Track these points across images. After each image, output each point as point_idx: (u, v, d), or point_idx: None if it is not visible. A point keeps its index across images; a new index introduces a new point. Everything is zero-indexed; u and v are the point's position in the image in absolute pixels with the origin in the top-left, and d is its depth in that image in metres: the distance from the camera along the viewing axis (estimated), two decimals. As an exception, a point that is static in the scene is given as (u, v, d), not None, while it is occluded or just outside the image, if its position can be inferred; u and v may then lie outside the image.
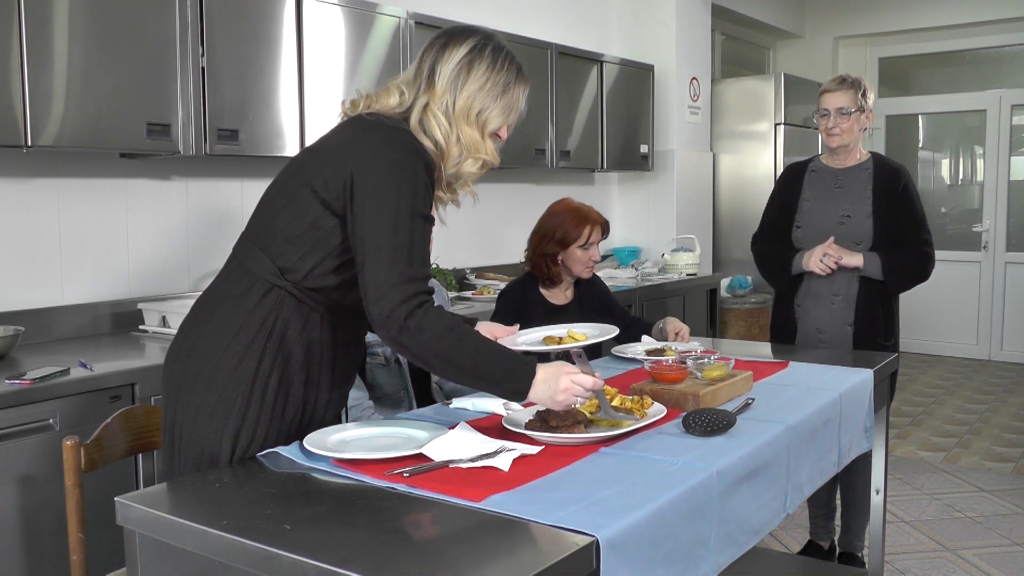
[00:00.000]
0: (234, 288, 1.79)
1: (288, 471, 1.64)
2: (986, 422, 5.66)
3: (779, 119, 6.31)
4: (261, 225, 1.82)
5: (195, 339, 1.79)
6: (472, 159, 1.85)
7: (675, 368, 2.20)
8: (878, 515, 2.88)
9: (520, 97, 1.90)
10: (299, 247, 1.75)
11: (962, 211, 8.11)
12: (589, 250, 2.93)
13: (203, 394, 1.74)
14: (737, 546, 1.70)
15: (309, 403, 1.82)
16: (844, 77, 3.21)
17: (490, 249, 4.77)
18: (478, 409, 2.05)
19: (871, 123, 3.27)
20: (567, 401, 1.75)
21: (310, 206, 1.74)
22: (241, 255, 1.82)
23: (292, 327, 1.76)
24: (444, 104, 1.81)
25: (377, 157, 1.71)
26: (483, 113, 1.84)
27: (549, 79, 4.83)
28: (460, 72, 1.82)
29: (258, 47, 3.32)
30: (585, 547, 1.27)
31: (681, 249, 5.67)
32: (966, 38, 7.80)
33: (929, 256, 3.13)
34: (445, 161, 1.82)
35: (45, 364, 2.60)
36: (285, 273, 1.76)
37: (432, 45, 1.87)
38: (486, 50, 1.85)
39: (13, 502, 2.40)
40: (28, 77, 2.68)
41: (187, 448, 1.75)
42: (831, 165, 3.27)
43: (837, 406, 2.25)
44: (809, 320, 3.22)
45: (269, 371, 1.75)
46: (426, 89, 1.83)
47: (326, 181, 1.73)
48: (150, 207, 3.42)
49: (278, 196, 1.82)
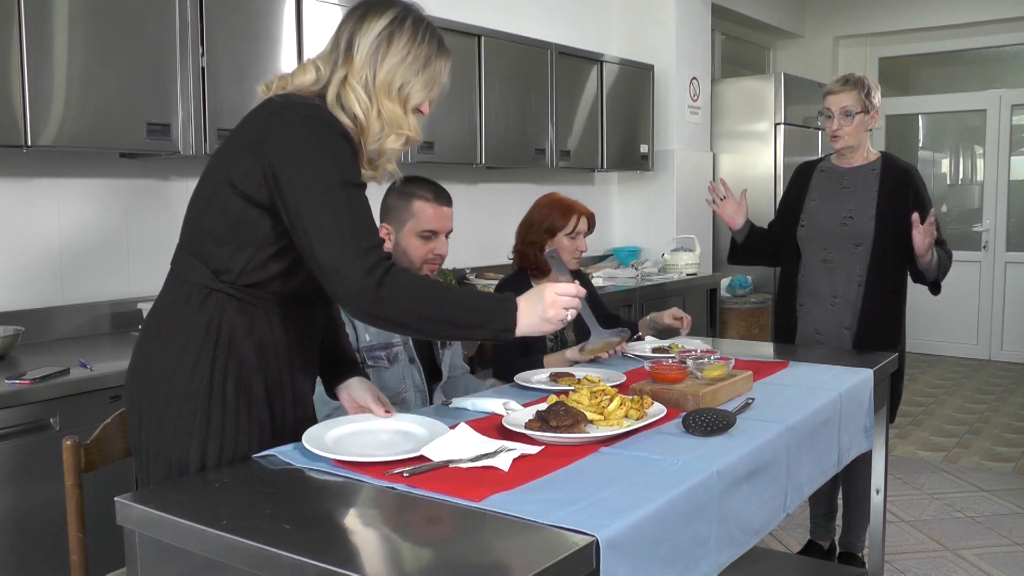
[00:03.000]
0: (175, 300, 1.75)
1: (287, 471, 1.64)
2: (986, 422, 5.66)
3: (779, 119, 6.30)
4: (188, 230, 1.77)
5: (146, 359, 1.76)
6: (395, 135, 1.77)
7: (675, 368, 2.20)
8: (878, 515, 2.88)
9: (443, 71, 1.83)
10: (228, 246, 1.70)
11: (962, 211, 8.11)
12: (576, 240, 2.97)
13: (162, 413, 1.71)
14: (737, 546, 1.70)
15: (275, 399, 1.78)
16: (848, 77, 3.18)
17: (490, 249, 4.76)
18: (478, 409, 2.05)
19: (877, 123, 3.23)
20: (558, 315, 1.69)
21: (230, 202, 1.68)
22: (177, 266, 1.78)
23: (238, 328, 1.72)
24: (363, 78, 1.74)
25: (293, 138, 1.64)
26: (404, 87, 1.77)
27: (549, 79, 4.83)
28: (380, 45, 1.75)
29: (258, 47, 3.32)
30: (585, 547, 1.27)
31: (681, 249, 5.67)
32: (966, 38, 7.80)
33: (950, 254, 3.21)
34: (365, 137, 1.75)
35: (45, 364, 2.61)
36: (220, 275, 1.71)
37: (349, 17, 1.79)
38: (406, 22, 1.78)
39: (13, 502, 2.40)
40: (28, 77, 2.68)
41: (156, 468, 1.73)
42: (839, 165, 3.25)
43: (837, 406, 2.25)
44: (809, 320, 3.22)
45: (223, 377, 1.71)
46: (344, 62, 1.75)
47: (244, 173, 1.67)
48: (150, 207, 3.42)
49: (199, 196, 1.76)
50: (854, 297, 3.13)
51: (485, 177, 4.87)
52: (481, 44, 4.32)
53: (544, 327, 1.71)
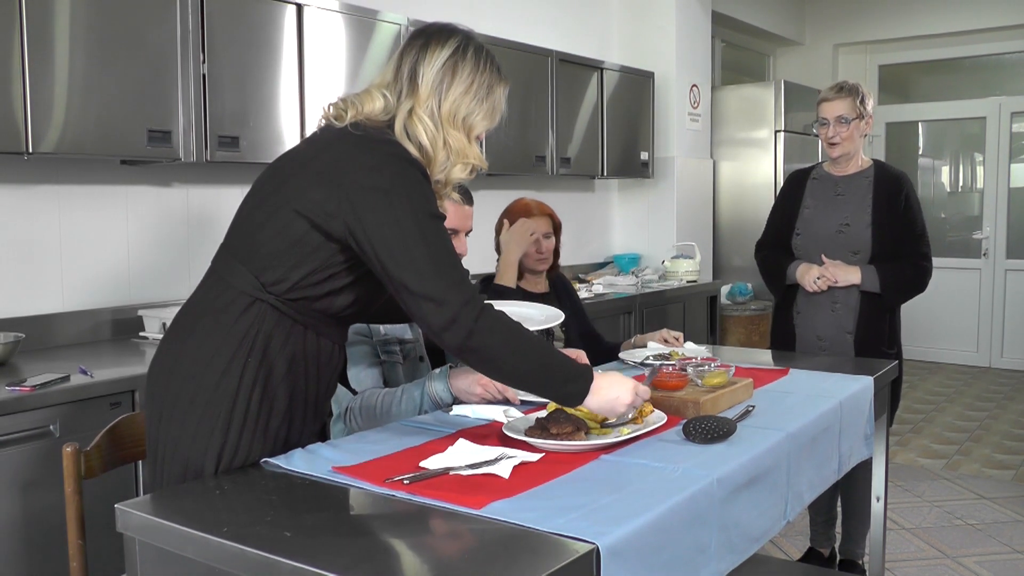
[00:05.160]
0: (215, 302, 1.75)
1: (287, 478, 1.64)
2: (986, 429, 5.65)
3: (779, 126, 6.32)
4: (240, 238, 1.77)
5: (176, 356, 1.76)
6: (461, 164, 1.79)
7: (675, 375, 2.20)
8: (879, 522, 2.88)
9: (502, 98, 1.86)
10: (283, 261, 1.70)
11: (962, 218, 8.11)
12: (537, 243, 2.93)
13: (185, 412, 1.71)
14: (737, 553, 1.70)
15: (296, 415, 1.79)
16: (842, 85, 3.19)
17: (490, 255, 4.75)
18: (478, 416, 2.04)
19: (872, 129, 3.25)
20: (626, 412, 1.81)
21: (294, 224, 1.68)
22: (220, 269, 1.78)
23: (275, 340, 1.72)
24: (429, 108, 1.75)
25: (375, 175, 1.65)
26: (469, 118, 1.79)
27: (549, 86, 4.84)
28: (444, 75, 1.76)
29: (259, 54, 3.33)
30: (585, 554, 1.27)
31: (681, 256, 5.67)
32: (966, 45, 7.82)
33: (926, 269, 3.13)
34: (432, 167, 1.76)
35: (45, 370, 2.61)
36: (268, 286, 1.71)
37: (411, 46, 1.80)
38: (468, 51, 1.79)
39: (13, 509, 2.40)
40: (29, 84, 2.69)
41: (171, 466, 1.73)
42: (832, 172, 3.27)
43: (837, 413, 2.24)
44: (809, 327, 3.22)
45: (251, 385, 1.71)
46: (409, 93, 1.76)
47: (316, 203, 1.66)
48: (151, 214, 3.42)
49: (258, 210, 1.76)
50: (855, 302, 3.14)
51: (485, 184, 4.88)
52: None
53: (605, 411, 1.80)
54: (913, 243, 3.11)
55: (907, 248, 3.11)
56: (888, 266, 3.09)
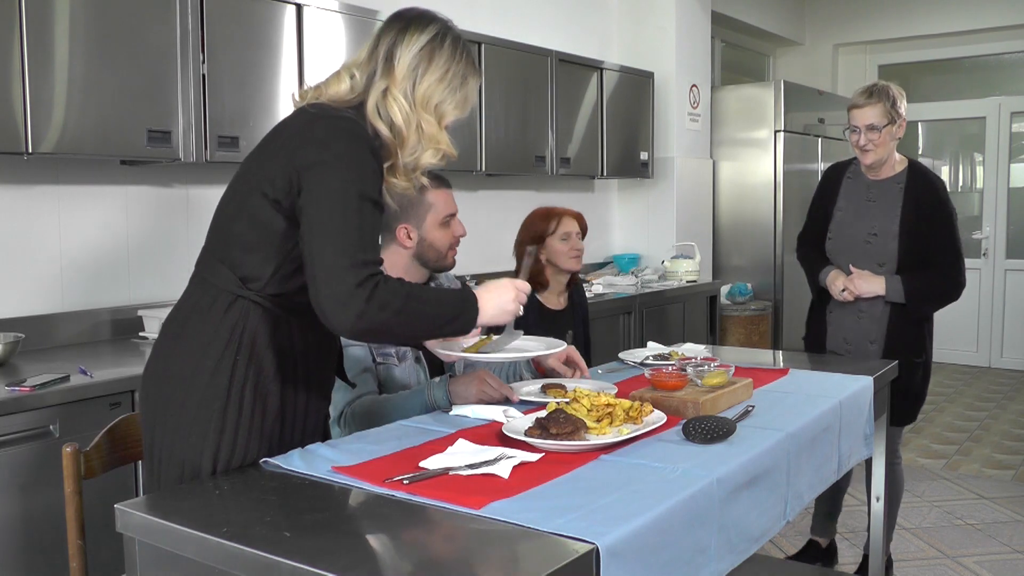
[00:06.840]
0: (199, 303, 1.76)
1: (287, 478, 1.64)
2: (986, 429, 5.65)
3: (779, 126, 6.31)
4: (217, 236, 1.78)
5: (166, 359, 1.77)
6: (433, 149, 1.80)
7: (675, 375, 2.20)
8: (878, 522, 2.88)
9: (474, 90, 1.87)
10: (256, 254, 1.71)
11: (962, 218, 8.03)
12: (569, 240, 3.00)
13: (179, 414, 1.72)
14: (737, 553, 1.70)
15: (288, 411, 1.79)
16: (872, 89, 3.06)
17: (490, 256, 4.76)
18: (477, 416, 2.05)
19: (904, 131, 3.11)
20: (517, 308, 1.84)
21: (261, 210, 1.70)
22: (203, 270, 1.79)
23: (261, 336, 1.73)
24: (404, 90, 1.76)
25: (322, 148, 1.66)
26: (441, 105, 1.80)
27: (549, 86, 4.84)
28: (421, 60, 1.77)
29: (258, 54, 3.33)
30: (585, 555, 1.27)
31: (681, 256, 5.67)
32: (965, 45, 7.82)
33: (958, 283, 3.04)
34: (402, 148, 1.76)
35: (45, 371, 2.61)
36: (247, 282, 1.72)
37: (389, 28, 1.80)
38: (446, 40, 1.81)
39: (12, 509, 2.39)
40: (29, 84, 2.69)
41: (168, 469, 1.73)
42: (866, 175, 3.18)
43: (837, 413, 2.24)
44: (839, 329, 3.21)
45: (243, 383, 1.72)
46: (384, 73, 1.76)
47: (272, 180, 1.68)
48: (151, 214, 3.42)
49: (231, 203, 1.77)
50: (879, 312, 3.09)
51: (485, 184, 4.88)
52: (481, 51, 4.34)
53: (504, 317, 1.82)
54: (942, 254, 3.03)
55: (937, 258, 3.03)
56: (915, 276, 3.02)
